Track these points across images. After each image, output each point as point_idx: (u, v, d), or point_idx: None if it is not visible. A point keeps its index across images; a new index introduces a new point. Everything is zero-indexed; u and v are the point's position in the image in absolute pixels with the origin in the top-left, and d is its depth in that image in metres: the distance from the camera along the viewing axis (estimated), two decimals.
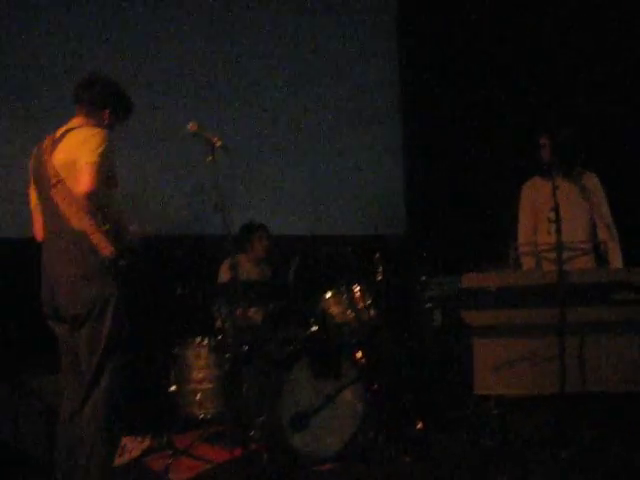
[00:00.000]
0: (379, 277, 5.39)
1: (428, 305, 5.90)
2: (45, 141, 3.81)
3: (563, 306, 4.32)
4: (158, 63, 6.34)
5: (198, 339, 5.30)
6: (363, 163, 7.74)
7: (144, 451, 5.02)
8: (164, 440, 5.06)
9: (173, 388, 5.18)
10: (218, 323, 5.70)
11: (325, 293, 5.21)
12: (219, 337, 5.32)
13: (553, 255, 4.57)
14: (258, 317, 5.84)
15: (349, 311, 5.14)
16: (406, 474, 4.46)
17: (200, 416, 5.17)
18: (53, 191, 3.67)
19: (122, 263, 3.62)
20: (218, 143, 4.10)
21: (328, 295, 5.20)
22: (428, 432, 5.02)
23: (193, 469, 4.70)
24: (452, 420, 5.23)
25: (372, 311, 5.18)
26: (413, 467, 4.54)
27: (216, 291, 5.35)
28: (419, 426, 5.06)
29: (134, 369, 4.96)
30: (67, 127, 3.81)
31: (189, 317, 5.48)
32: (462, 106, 7.54)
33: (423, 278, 5.98)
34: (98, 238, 3.58)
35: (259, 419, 4.77)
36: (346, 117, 7.64)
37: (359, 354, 5.11)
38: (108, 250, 3.59)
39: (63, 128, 3.82)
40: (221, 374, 5.19)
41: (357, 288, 5.20)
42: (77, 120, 3.85)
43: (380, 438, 4.83)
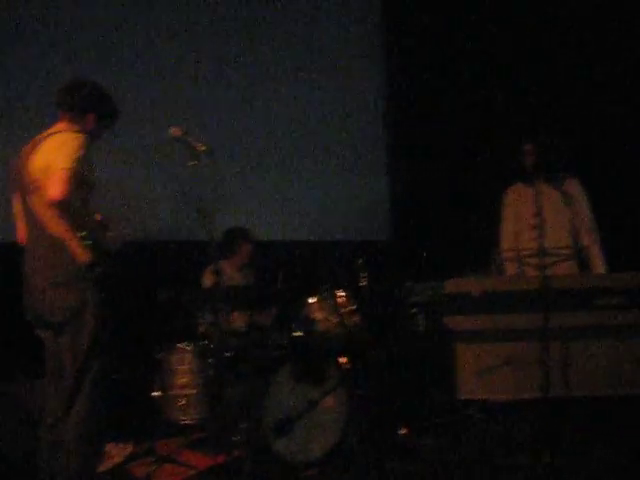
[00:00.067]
0: (363, 283, 5.39)
1: (412, 310, 5.91)
2: (27, 146, 3.78)
3: (546, 311, 4.33)
4: (142, 68, 6.32)
5: (181, 344, 5.28)
6: (347, 169, 7.74)
7: (127, 457, 5.00)
8: (147, 446, 5.04)
9: (156, 393, 5.15)
10: (201, 328, 5.68)
11: (309, 298, 5.21)
12: (203, 342, 5.31)
13: (536, 260, 4.59)
14: (241, 322, 5.83)
15: (333, 316, 5.14)
16: (390, 479, 4.46)
17: (183, 422, 5.14)
18: (31, 197, 3.65)
19: (99, 270, 3.60)
20: (202, 148, 4.08)
21: (312, 300, 5.19)
22: (412, 437, 5.04)
23: (176, 475, 4.68)
24: (436, 425, 5.26)
25: (356, 317, 5.18)
26: (397, 472, 4.54)
27: (199, 296, 5.32)
28: (403, 431, 5.07)
29: (117, 375, 4.99)
30: (49, 132, 3.78)
31: (172, 322, 5.46)
32: (447, 113, 7.57)
33: (407, 284, 6.00)
34: (74, 245, 3.56)
35: (243, 425, 4.75)
36: (330, 123, 7.65)
37: (343, 359, 5.11)
38: (84, 257, 3.57)
39: (45, 133, 3.79)
40: (205, 380, 5.16)
41: (341, 294, 5.21)
42: (60, 125, 3.83)
43: (364, 443, 4.83)
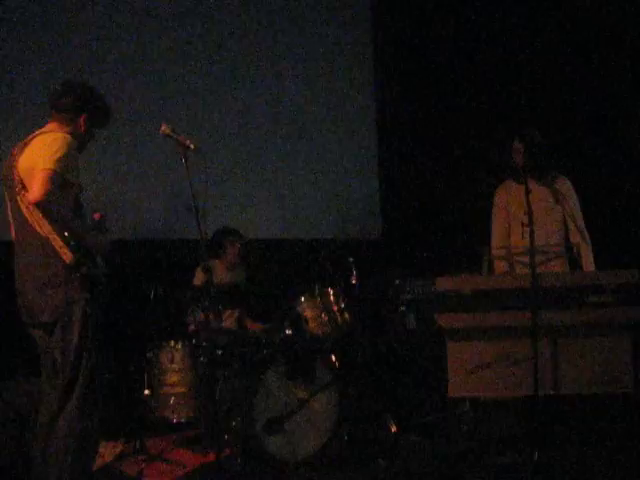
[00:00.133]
0: (353, 281, 5.39)
1: (402, 308, 5.91)
2: (17, 145, 3.76)
3: (536, 309, 4.34)
4: (131, 66, 6.30)
5: (172, 343, 5.27)
6: (338, 167, 7.75)
7: (117, 456, 4.99)
8: (137, 444, 5.04)
9: (147, 392, 5.15)
10: (192, 327, 5.68)
11: (299, 297, 5.21)
12: (193, 341, 5.30)
13: (526, 258, 4.60)
14: (232, 321, 5.83)
15: (323, 314, 5.14)
16: (380, 477, 4.46)
17: (174, 420, 5.15)
18: (18, 197, 3.63)
19: (84, 270, 3.59)
20: (191, 146, 4.05)
21: (302, 299, 5.19)
22: (402, 435, 5.04)
23: (167, 474, 4.68)
24: (426, 423, 5.26)
25: (346, 314, 5.18)
26: (387, 470, 4.54)
27: (190, 294, 5.31)
28: (393, 429, 5.07)
29: (108, 373, 4.98)
30: (37, 132, 3.76)
31: (163, 321, 5.44)
32: (438, 111, 7.57)
33: (397, 282, 5.99)
34: (59, 245, 3.56)
35: (233, 423, 4.76)
36: (322, 121, 7.66)
37: (333, 358, 5.11)
38: (68, 257, 3.56)
39: (34, 133, 3.76)
40: (195, 378, 5.16)
41: (331, 292, 5.21)
42: (50, 125, 3.81)
43: (354, 441, 4.83)
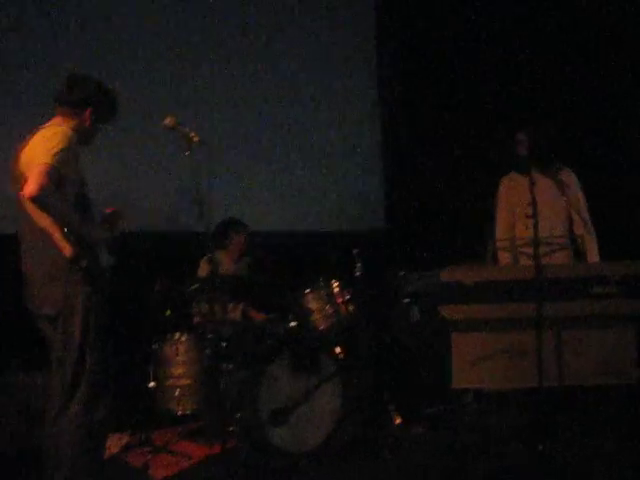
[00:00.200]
0: (357, 272, 5.39)
1: (406, 300, 5.92)
2: (25, 141, 3.75)
3: (541, 300, 4.35)
4: (135, 58, 6.29)
5: (177, 335, 5.28)
6: (342, 159, 7.74)
7: (123, 447, 5.01)
8: (143, 436, 5.06)
9: (152, 384, 5.16)
10: (197, 319, 5.69)
11: (304, 289, 5.22)
12: (198, 333, 5.31)
13: (530, 250, 4.60)
14: (237, 314, 5.83)
15: (327, 307, 5.14)
16: (385, 469, 4.47)
17: (179, 412, 5.16)
18: (22, 191, 3.64)
19: (83, 263, 3.59)
20: (195, 138, 4.05)
21: (307, 291, 5.20)
22: (407, 426, 5.05)
23: (172, 465, 4.69)
24: (430, 414, 5.27)
25: (350, 306, 5.18)
26: (392, 462, 4.55)
27: (191, 289, 5.30)
28: (398, 421, 5.08)
29: (113, 365, 4.99)
30: (42, 126, 3.75)
31: (168, 313, 5.45)
32: (442, 102, 7.56)
33: (401, 273, 6.00)
34: (58, 238, 3.56)
35: (238, 415, 4.76)
36: (325, 113, 7.64)
37: (337, 350, 5.12)
38: (67, 250, 3.57)
39: (40, 127, 3.76)
40: (200, 370, 5.17)
41: (336, 284, 5.21)
42: (55, 120, 3.79)
43: (359, 433, 4.84)
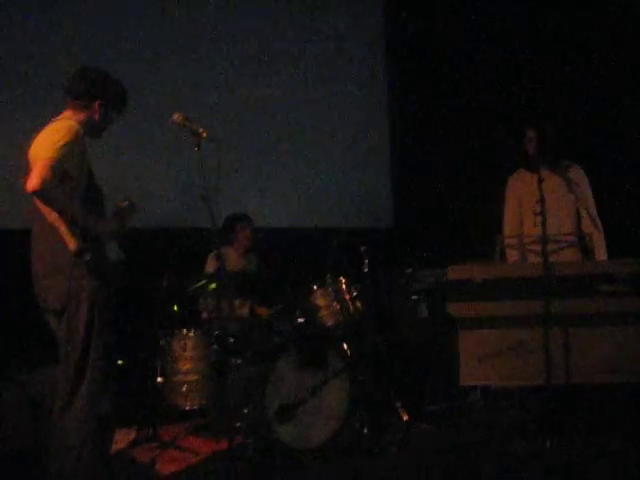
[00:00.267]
0: (365, 269, 5.40)
1: (414, 297, 5.92)
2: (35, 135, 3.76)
3: (548, 298, 4.34)
4: (145, 54, 6.30)
5: (184, 331, 5.30)
6: (350, 156, 7.74)
7: (130, 443, 5.03)
8: (150, 432, 5.07)
9: (159, 380, 5.18)
10: (204, 315, 5.70)
11: (311, 285, 5.22)
12: (205, 328, 5.32)
13: (538, 247, 4.59)
14: (244, 311, 5.84)
15: (335, 303, 5.15)
16: (392, 465, 4.47)
17: (186, 408, 5.18)
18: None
19: (87, 257, 3.60)
20: (204, 134, 4.05)
21: (314, 287, 5.21)
22: (413, 423, 5.05)
23: (179, 461, 4.70)
24: (437, 411, 5.27)
25: (358, 303, 5.19)
26: (399, 458, 4.55)
27: (202, 282, 5.30)
28: (405, 417, 5.08)
29: (121, 361, 5.01)
30: (52, 120, 3.76)
31: (175, 308, 5.47)
32: (450, 99, 7.55)
33: (409, 270, 6.00)
34: (63, 232, 3.57)
35: (245, 411, 4.77)
36: (333, 111, 7.64)
37: (345, 346, 5.12)
38: (72, 244, 3.58)
39: (50, 121, 3.76)
40: (207, 366, 5.19)
41: (343, 280, 5.22)
42: (65, 113, 3.79)
43: (366, 429, 4.85)
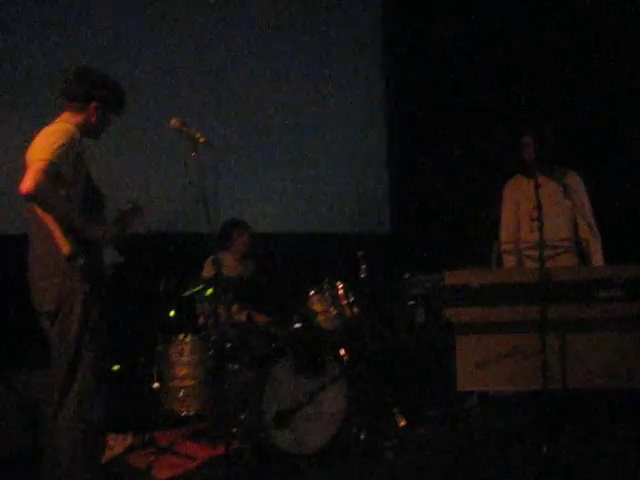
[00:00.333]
0: (362, 275, 5.40)
1: (411, 302, 5.92)
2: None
3: (545, 303, 4.34)
4: (142, 59, 6.30)
5: (181, 336, 5.29)
6: (348, 161, 7.76)
7: (126, 448, 5.01)
8: (147, 437, 5.06)
9: (156, 385, 5.16)
10: (201, 320, 5.69)
11: (309, 290, 5.22)
12: (202, 334, 5.31)
13: (535, 253, 4.60)
14: (241, 314, 5.83)
15: (332, 308, 5.15)
16: (389, 471, 4.46)
17: (183, 413, 5.16)
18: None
19: (80, 261, 3.59)
20: (202, 139, 4.04)
21: (312, 293, 5.20)
22: (410, 429, 5.05)
23: (176, 466, 4.69)
24: (435, 416, 5.27)
25: (355, 308, 5.19)
26: (396, 464, 4.54)
27: (199, 287, 5.30)
28: (402, 423, 5.08)
29: (118, 366, 5.01)
30: (50, 123, 3.76)
31: (171, 314, 5.45)
32: (447, 105, 7.57)
33: (406, 276, 6.00)
34: (57, 235, 3.57)
35: (242, 416, 4.76)
36: (331, 116, 7.65)
37: (342, 351, 5.12)
38: (65, 248, 3.58)
39: (48, 124, 3.76)
40: (204, 371, 5.18)
41: (340, 285, 5.22)
42: (63, 116, 3.78)
43: (363, 435, 4.84)
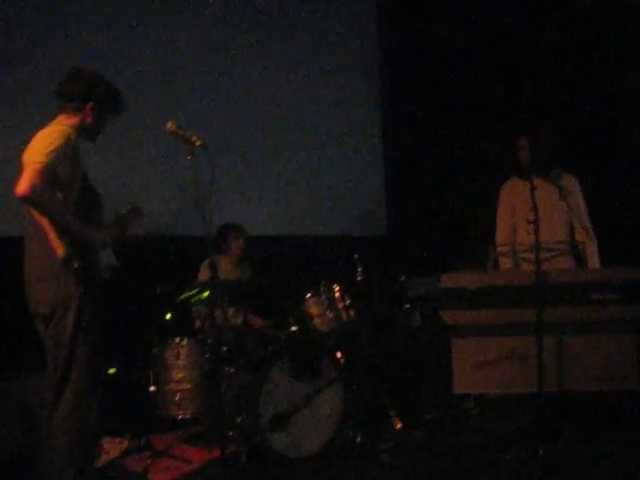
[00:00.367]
0: (359, 277, 5.40)
1: (407, 305, 5.92)
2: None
3: (541, 306, 4.34)
4: (137, 62, 6.30)
5: (177, 339, 5.29)
6: (343, 164, 7.75)
7: (123, 452, 5.00)
8: (143, 441, 5.05)
9: (152, 388, 5.17)
10: (197, 323, 5.69)
11: (305, 293, 5.22)
12: (198, 337, 5.31)
13: (531, 255, 4.60)
14: (237, 317, 5.83)
15: (328, 311, 5.15)
16: (385, 474, 4.46)
17: (179, 416, 5.17)
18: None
19: (74, 264, 3.59)
20: (197, 142, 4.04)
21: (308, 295, 5.20)
22: (407, 431, 5.05)
23: (172, 470, 4.69)
24: (431, 419, 5.27)
25: (351, 311, 5.19)
26: (392, 467, 4.54)
27: (195, 290, 5.30)
28: (398, 425, 5.08)
29: (114, 369, 5.00)
30: (46, 125, 3.75)
31: (167, 317, 5.45)
32: (444, 108, 7.57)
33: (402, 278, 6.00)
34: (52, 238, 3.57)
35: (238, 419, 4.76)
36: (327, 118, 7.65)
37: (338, 354, 5.12)
38: (60, 250, 3.57)
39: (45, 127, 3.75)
40: (200, 374, 5.18)
41: (337, 288, 5.21)
42: (59, 117, 3.77)
43: (359, 438, 4.84)
